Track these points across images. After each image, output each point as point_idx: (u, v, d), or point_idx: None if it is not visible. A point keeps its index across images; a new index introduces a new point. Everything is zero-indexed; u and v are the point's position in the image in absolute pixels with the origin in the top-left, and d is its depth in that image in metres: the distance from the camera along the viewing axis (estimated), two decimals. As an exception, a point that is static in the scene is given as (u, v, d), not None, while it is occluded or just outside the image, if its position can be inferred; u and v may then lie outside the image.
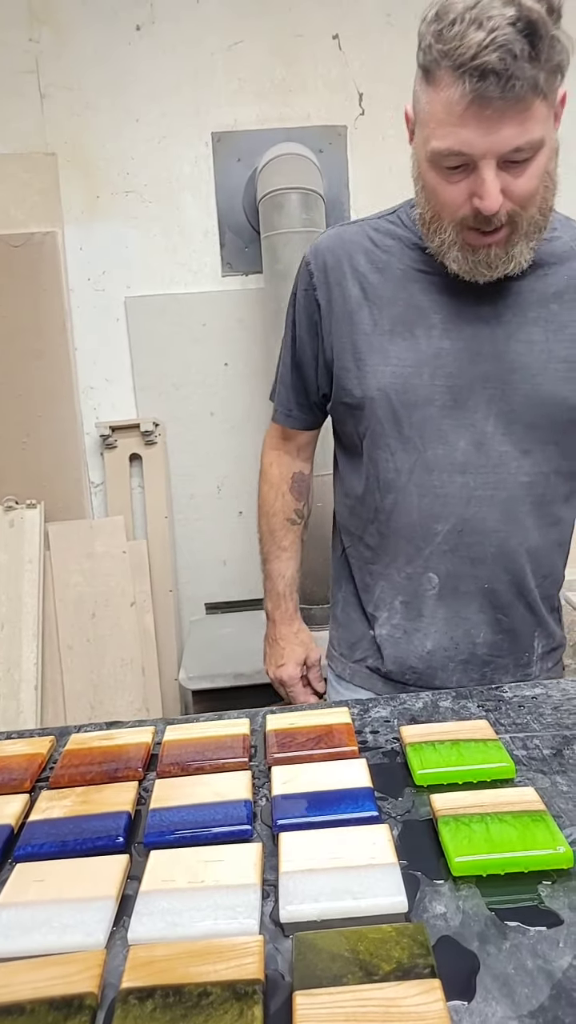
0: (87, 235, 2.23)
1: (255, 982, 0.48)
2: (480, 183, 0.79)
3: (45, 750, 0.81)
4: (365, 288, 0.95)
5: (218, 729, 0.83)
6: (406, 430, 0.94)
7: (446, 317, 0.92)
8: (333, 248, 0.98)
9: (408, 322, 0.93)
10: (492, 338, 0.92)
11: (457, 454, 0.93)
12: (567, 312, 0.93)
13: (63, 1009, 0.47)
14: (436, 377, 0.92)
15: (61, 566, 2.16)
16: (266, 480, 1.15)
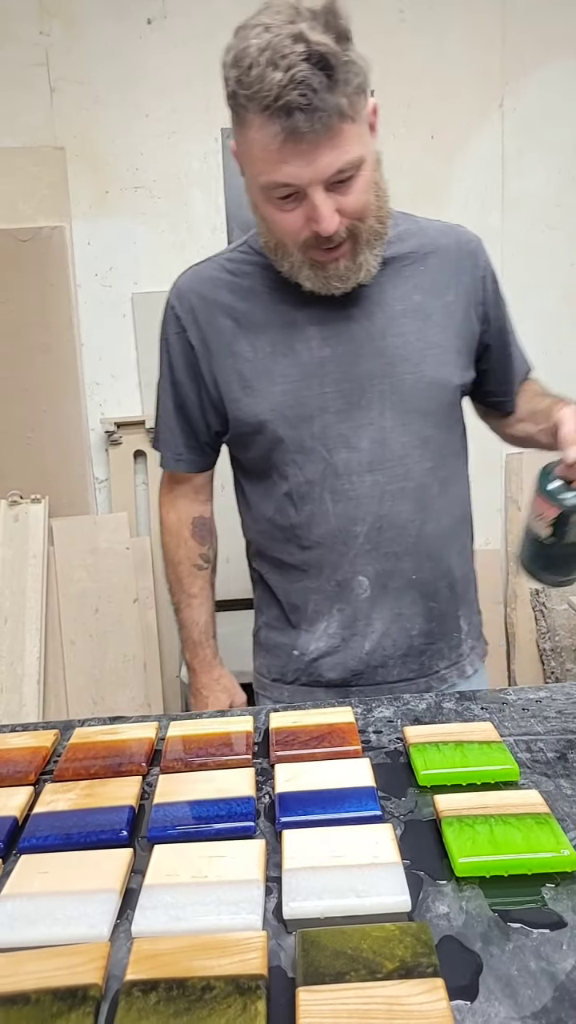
0: (95, 230, 2.23)
1: (258, 977, 0.48)
2: (313, 209, 0.82)
3: (49, 743, 0.81)
4: (236, 319, 0.97)
5: (221, 726, 0.83)
6: (308, 442, 0.95)
7: (320, 327, 0.95)
8: (195, 288, 1.00)
9: (286, 340, 0.95)
10: (369, 337, 0.95)
11: (362, 454, 0.95)
12: (430, 301, 0.97)
13: (67, 999, 0.47)
14: (325, 385, 0.94)
15: (65, 561, 2.17)
16: (166, 529, 1.13)
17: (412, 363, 0.95)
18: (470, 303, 1.01)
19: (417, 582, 1.00)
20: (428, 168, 2.22)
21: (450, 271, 1.00)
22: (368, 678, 1.01)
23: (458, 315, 0.99)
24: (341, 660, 1.01)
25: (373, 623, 0.99)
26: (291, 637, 1.04)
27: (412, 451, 0.97)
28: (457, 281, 1.00)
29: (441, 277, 0.99)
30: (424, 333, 0.96)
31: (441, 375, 0.97)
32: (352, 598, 0.99)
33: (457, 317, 0.99)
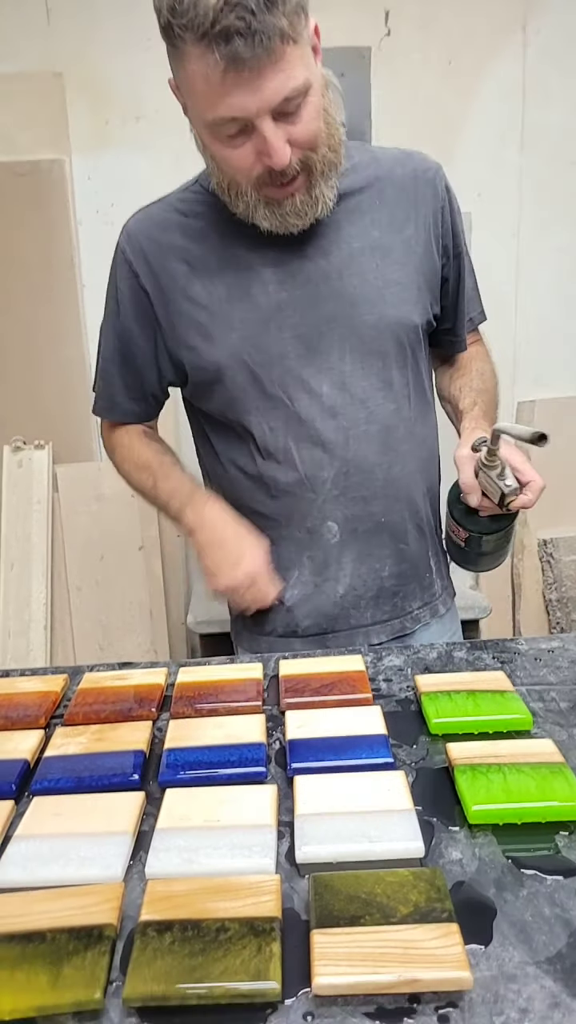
0: (96, 164, 2.14)
1: (273, 919, 0.48)
2: (263, 142, 0.78)
3: (59, 688, 0.81)
4: (190, 262, 0.93)
5: (231, 673, 0.83)
6: (269, 388, 0.93)
7: (277, 270, 0.91)
8: (146, 230, 0.95)
9: (242, 284, 0.92)
10: (326, 278, 0.92)
11: (324, 399, 0.93)
12: (388, 236, 0.94)
13: (83, 939, 0.48)
14: (283, 329, 0.92)
15: (69, 508, 2.15)
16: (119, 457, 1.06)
17: (371, 303, 0.93)
18: (430, 236, 0.97)
19: (386, 525, 0.99)
20: (445, 97, 2.11)
21: (409, 203, 0.96)
22: (343, 622, 1.01)
23: (419, 249, 0.96)
24: (316, 606, 1.00)
25: (344, 566, 0.99)
26: None
27: (374, 393, 0.95)
28: (416, 213, 0.96)
29: (399, 210, 0.95)
30: (383, 271, 0.93)
31: (402, 314, 0.95)
32: (322, 544, 0.98)
33: (418, 252, 0.96)
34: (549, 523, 2.34)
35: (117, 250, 0.97)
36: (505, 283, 2.25)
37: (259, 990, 0.44)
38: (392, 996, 0.44)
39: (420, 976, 0.43)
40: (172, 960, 0.46)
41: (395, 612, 1.02)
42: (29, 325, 2.17)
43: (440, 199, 0.99)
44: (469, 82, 2.11)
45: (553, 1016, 0.42)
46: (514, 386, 2.30)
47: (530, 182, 2.19)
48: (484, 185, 2.17)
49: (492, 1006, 0.43)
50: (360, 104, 2.11)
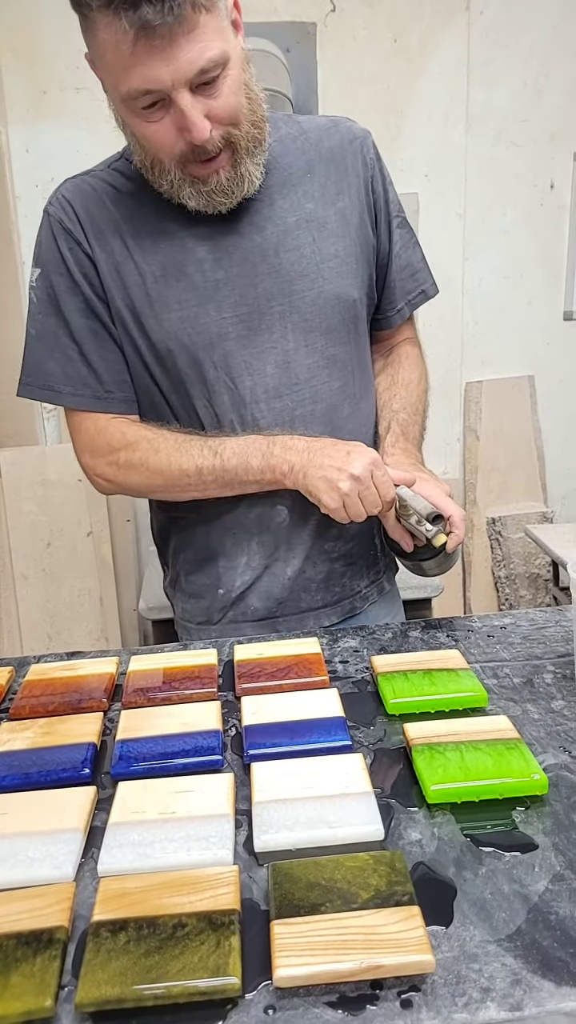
0: (34, 136, 2.06)
1: (231, 912, 0.47)
2: (181, 115, 0.75)
3: (4, 681, 0.78)
4: (124, 238, 0.88)
5: (184, 659, 0.81)
6: (211, 371, 0.90)
7: (211, 248, 0.88)
8: (81, 199, 0.89)
9: (177, 263, 0.88)
10: (263, 255, 0.89)
11: (268, 379, 0.91)
12: (322, 208, 0.92)
13: (32, 944, 0.46)
14: (223, 310, 0.89)
15: (13, 494, 2.09)
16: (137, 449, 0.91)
17: (310, 279, 0.90)
18: (363, 206, 0.95)
19: None
20: (390, 76, 2.10)
21: (340, 173, 0.93)
22: (292, 606, 0.99)
23: (354, 220, 0.93)
24: (266, 588, 0.98)
25: (294, 548, 0.97)
26: (213, 576, 0.99)
27: (319, 372, 0.93)
28: (347, 184, 0.93)
29: (331, 181, 0.93)
30: (320, 244, 0.91)
31: (341, 289, 0.92)
32: (272, 527, 0.95)
33: (353, 223, 0.93)
34: (497, 501, 2.38)
35: (50, 221, 0.90)
36: (452, 265, 2.26)
37: (218, 986, 0.42)
38: (354, 984, 0.43)
39: (382, 962, 0.42)
40: (127, 960, 0.44)
41: (344, 592, 1.01)
42: (-34, 305, 2.08)
43: (369, 167, 0.95)
44: (414, 60, 2.10)
45: (515, 993, 0.42)
46: (461, 367, 2.32)
47: (475, 163, 2.19)
48: (430, 165, 2.17)
49: (455, 987, 0.42)
50: (306, 80, 2.08)
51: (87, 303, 0.90)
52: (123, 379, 0.93)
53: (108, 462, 0.93)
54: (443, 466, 2.39)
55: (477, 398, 2.32)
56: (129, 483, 0.94)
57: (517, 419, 2.35)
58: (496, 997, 0.42)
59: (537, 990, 0.42)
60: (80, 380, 0.91)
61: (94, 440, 0.93)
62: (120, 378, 0.92)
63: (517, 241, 2.26)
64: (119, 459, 0.92)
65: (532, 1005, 0.41)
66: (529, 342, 2.34)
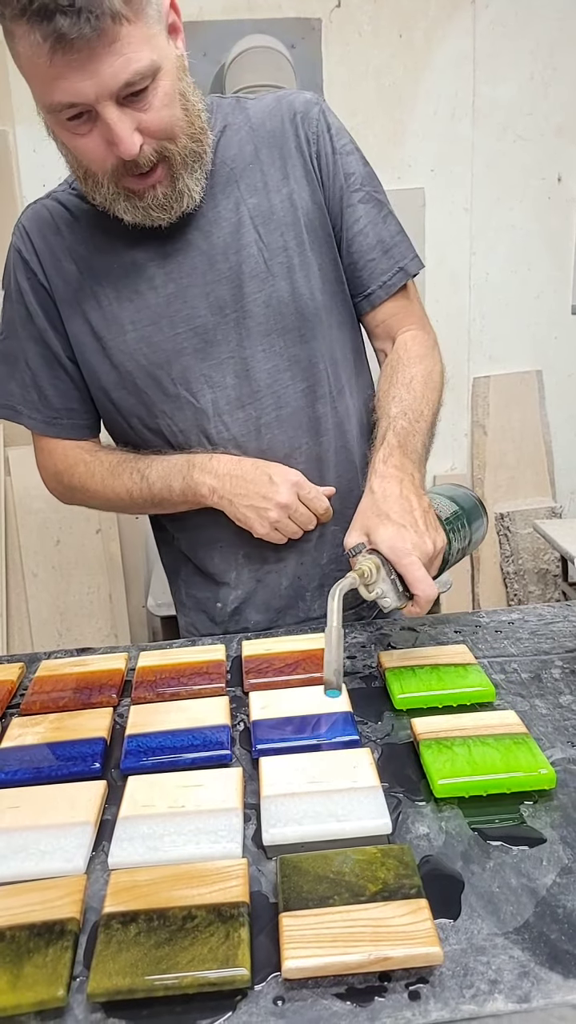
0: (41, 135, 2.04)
1: (241, 904, 0.47)
2: (108, 129, 0.71)
3: (15, 676, 0.79)
4: (78, 263, 0.88)
5: (193, 655, 0.81)
6: (171, 388, 0.88)
7: (160, 262, 0.86)
8: (38, 228, 0.89)
9: (130, 283, 0.87)
10: (211, 263, 0.86)
11: (229, 391, 0.88)
12: (265, 200, 0.87)
13: (44, 935, 0.46)
14: (176, 325, 0.87)
15: (23, 492, 2.10)
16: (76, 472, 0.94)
17: (259, 279, 0.86)
18: (313, 186, 0.88)
19: None
20: (396, 71, 2.09)
21: (284, 155, 0.87)
22: (292, 615, 0.97)
23: (303, 204, 0.87)
24: (263, 600, 0.96)
25: (284, 558, 0.94)
26: (211, 591, 0.98)
27: (279, 376, 0.89)
28: (292, 165, 0.87)
29: (274, 167, 0.87)
30: (267, 240, 0.86)
31: (294, 284, 0.87)
32: (256, 539, 0.91)
33: (302, 207, 0.87)
34: (505, 496, 2.37)
35: (11, 251, 0.90)
36: (459, 259, 2.25)
37: (228, 977, 0.43)
38: (362, 975, 0.43)
39: (390, 954, 0.43)
40: (138, 952, 0.44)
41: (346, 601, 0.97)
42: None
43: (313, 142, 0.87)
44: (420, 55, 2.09)
45: (522, 985, 0.42)
46: (469, 362, 2.31)
47: (482, 157, 2.19)
48: (436, 160, 2.17)
49: (462, 979, 0.43)
50: (311, 76, 2.07)
51: (40, 333, 0.90)
52: (72, 406, 0.94)
53: (56, 482, 0.99)
54: (451, 462, 2.39)
55: (485, 393, 2.32)
56: (75, 501, 1.00)
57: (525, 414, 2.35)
58: (504, 989, 0.42)
59: (545, 982, 0.42)
60: (34, 404, 0.93)
61: (45, 461, 0.98)
62: (69, 405, 0.94)
63: (524, 235, 2.25)
64: (63, 480, 0.97)
65: (540, 997, 0.41)
66: (537, 337, 2.33)
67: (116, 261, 0.87)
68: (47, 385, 0.92)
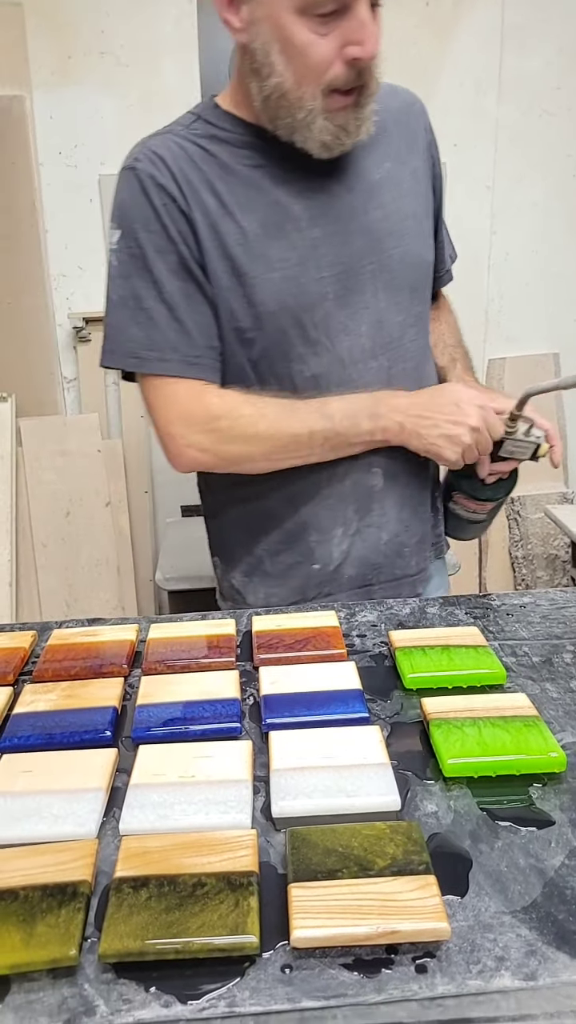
0: (58, 101, 2.04)
1: (250, 874, 0.48)
2: (359, 26, 0.76)
3: (27, 644, 0.79)
4: (219, 196, 0.85)
5: (203, 629, 0.82)
6: (312, 333, 0.88)
7: (306, 205, 0.87)
8: (172, 156, 0.85)
9: (275, 221, 0.86)
10: (353, 213, 0.89)
11: (363, 340, 0.90)
12: (399, 168, 0.93)
13: (57, 896, 0.47)
14: (321, 269, 0.88)
15: (34, 462, 2.10)
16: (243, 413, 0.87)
17: (396, 237, 0.91)
18: (427, 169, 0.97)
19: (421, 464, 0.96)
20: (422, 41, 2.05)
21: (408, 136, 0.95)
22: (387, 572, 0.97)
23: (423, 182, 0.96)
24: (361, 555, 0.96)
25: (387, 512, 0.95)
26: (305, 553, 0.95)
27: (407, 330, 0.93)
28: (415, 146, 0.96)
29: (402, 142, 0.94)
30: (400, 204, 0.91)
31: (420, 248, 0.95)
32: (367, 491, 0.94)
33: (423, 184, 0.96)
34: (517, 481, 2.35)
35: (139, 177, 0.85)
36: (479, 238, 2.22)
37: (237, 943, 0.43)
38: (370, 947, 0.44)
39: (398, 927, 0.43)
40: (148, 915, 0.45)
41: (436, 553, 1.03)
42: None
43: (428, 132, 0.98)
44: (446, 25, 2.05)
45: (529, 963, 0.42)
46: (485, 343, 2.29)
47: (506, 133, 2.14)
48: (460, 135, 2.12)
49: (469, 955, 0.43)
50: (335, 45, 2.03)
51: (181, 262, 0.85)
52: (213, 344, 0.88)
53: (207, 430, 0.88)
54: (463, 444, 2.37)
55: (500, 375, 2.29)
56: (227, 452, 0.89)
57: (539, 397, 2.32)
58: (511, 966, 0.42)
59: (552, 961, 0.42)
60: (168, 345, 0.86)
61: (188, 408, 0.88)
62: (211, 343, 0.88)
63: (547, 214, 2.22)
64: (220, 426, 0.87)
65: (547, 975, 0.42)
66: (555, 318, 2.30)
67: (260, 198, 0.86)
68: (189, 321, 0.86)
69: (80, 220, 2.13)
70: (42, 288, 2.12)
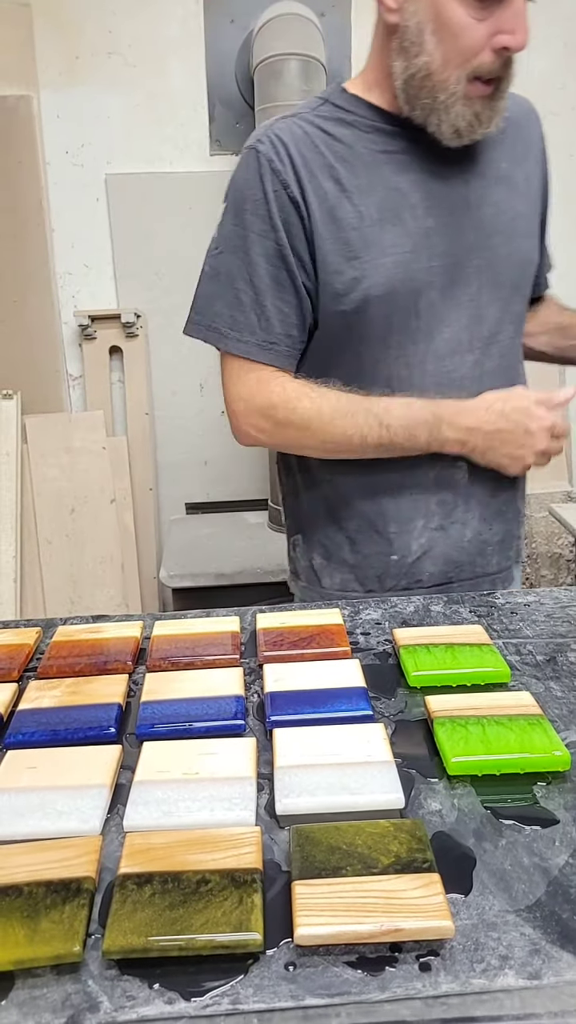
0: (65, 101, 2.04)
1: (254, 871, 0.48)
2: (513, 16, 0.78)
3: (32, 641, 0.79)
4: (339, 180, 0.87)
5: (207, 626, 0.82)
6: (413, 320, 0.90)
7: (424, 194, 0.89)
8: (293, 141, 0.87)
9: (392, 207, 0.88)
10: (467, 206, 0.90)
11: (462, 333, 0.91)
12: (513, 169, 0.94)
13: (61, 892, 0.47)
14: (432, 258, 0.89)
15: (39, 459, 2.11)
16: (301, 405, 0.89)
17: (504, 235, 0.92)
18: (540, 173, 0.99)
19: None
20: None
21: (525, 141, 0.97)
22: (468, 570, 0.98)
23: (534, 188, 0.98)
24: (443, 552, 0.96)
25: (472, 509, 0.96)
26: (383, 544, 0.96)
27: (505, 327, 0.94)
28: (530, 149, 0.98)
29: (518, 144, 0.96)
30: (511, 203, 0.93)
31: (527, 248, 0.96)
32: (451, 485, 0.94)
33: (534, 189, 0.98)
34: (522, 482, 2.35)
35: (258, 159, 0.88)
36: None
37: (241, 941, 0.43)
38: (374, 945, 0.44)
39: (402, 925, 0.43)
40: (152, 912, 0.45)
41: (517, 556, 1.02)
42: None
43: (542, 141, 1.00)
44: (454, 24, 2.04)
45: (533, 962, 0.42)
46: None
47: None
48: (467, 134, 2.12)
49: (473, 953, 0.43)
50: (340, 46, 2.03)
51: (279, 250, 0.88)
52: (291, 333, 0.91)
53: (265, 415, 0.91)
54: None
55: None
56: (281, 439, 0.94)
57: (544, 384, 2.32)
58: (515, 965, 0.42)
59: (556, 960, 0.42)
60: (248, 327, 0.90)
61: (253, 391, 0.91)
62: (289, 332, 0.90)
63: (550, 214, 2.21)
64: (277, 415, 0.91)
65: (551, 975, 0.41)
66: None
67: (380, 184, 0.88)
68: (271, 306, 0.89)
69: (86, 219, 2.13)
70: (48, 286, 2.13)
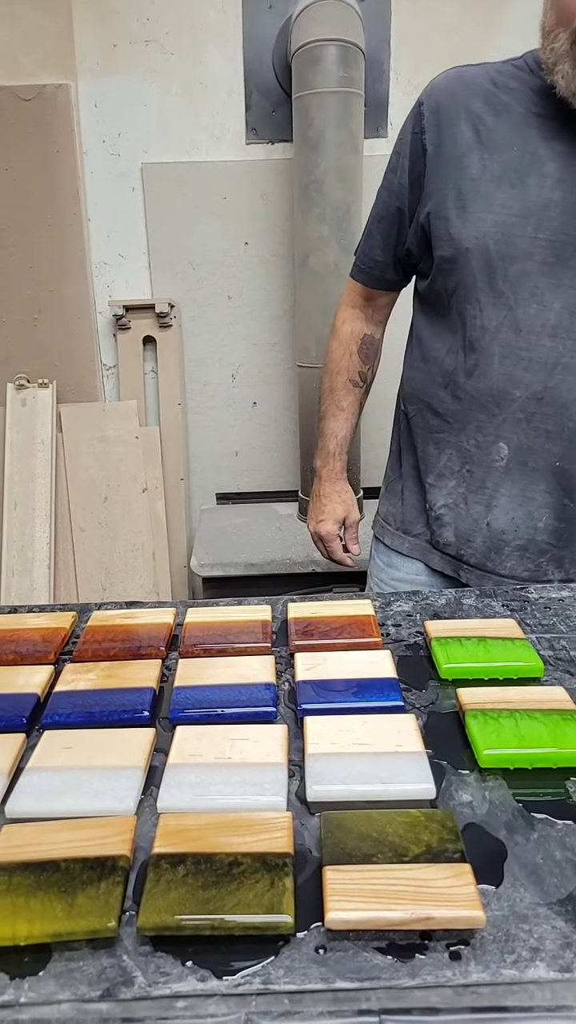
0: (103, 90, 2.05)
1: (285, 855, 0.48)
2: None
3: (68, 625, 0.81)
4: (479, 130, 0.89)
5: (239, 614, 0.82)
6: (499, 284, 0.89)
7: (562, 166, 0.86)
8: (450, 88, 0.92)
9: (520, 169, 0.87)
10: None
11: (550, 315, 0.88)
12: None
13: (97, 869, 0.48)
14: (541, 230, 0.87)
15: (73, 448, 2.13)
16: (336, 337, 1.14)
17: None
18: None
19: (559, 470, 0.93)
20: (466, 27, 2.01)
21: None
22: (482, 560, 0.99)
23: None
24: (462, 526, 0.99)
25: (499, 496, 0.96)
26: (421, 490, 1.05)
27: None
28: None
29: None
30: None
31: None
32: (486, 462, 0.95)
33: None
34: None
35: (420, 101, 0.95)
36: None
37: (272, 923, 0.44)
38: (404, 932, 0.44)
39: (433, 914, 0.43)
40: (185, 891, 0.46)
41: (536, 574, 0.98)
42: (32, 260, 2.11)
43: None
44: (492, 10, 2.01)
45: (564, 955, 0.42)
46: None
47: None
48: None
49: (503, 944, 0.43)
50: (379, 31, 2.01)
51: (399, 187, 0.98)
52: (378, 259, 1.06)
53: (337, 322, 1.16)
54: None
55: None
56: None
57: None
58: (546, 957, 0.42)
59: (587, 953, 0.42)
60: (360, 250, 1.08)
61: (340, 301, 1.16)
62: (376, 256, 1.06)
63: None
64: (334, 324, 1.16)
65: (581, 966, 0.41)
66: None
67: (520, 145, 0.88)
68: (376, 232, 1.04)
69: (122, 208, 2.14)
70: (83, 276, 2.15)
